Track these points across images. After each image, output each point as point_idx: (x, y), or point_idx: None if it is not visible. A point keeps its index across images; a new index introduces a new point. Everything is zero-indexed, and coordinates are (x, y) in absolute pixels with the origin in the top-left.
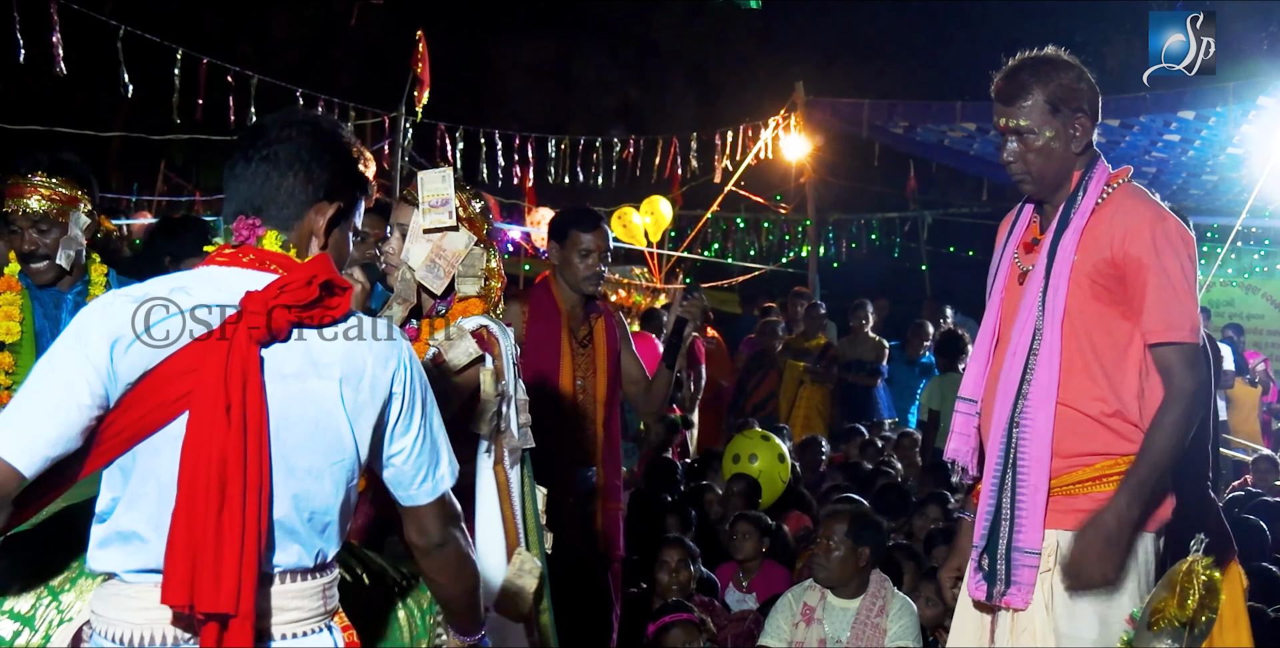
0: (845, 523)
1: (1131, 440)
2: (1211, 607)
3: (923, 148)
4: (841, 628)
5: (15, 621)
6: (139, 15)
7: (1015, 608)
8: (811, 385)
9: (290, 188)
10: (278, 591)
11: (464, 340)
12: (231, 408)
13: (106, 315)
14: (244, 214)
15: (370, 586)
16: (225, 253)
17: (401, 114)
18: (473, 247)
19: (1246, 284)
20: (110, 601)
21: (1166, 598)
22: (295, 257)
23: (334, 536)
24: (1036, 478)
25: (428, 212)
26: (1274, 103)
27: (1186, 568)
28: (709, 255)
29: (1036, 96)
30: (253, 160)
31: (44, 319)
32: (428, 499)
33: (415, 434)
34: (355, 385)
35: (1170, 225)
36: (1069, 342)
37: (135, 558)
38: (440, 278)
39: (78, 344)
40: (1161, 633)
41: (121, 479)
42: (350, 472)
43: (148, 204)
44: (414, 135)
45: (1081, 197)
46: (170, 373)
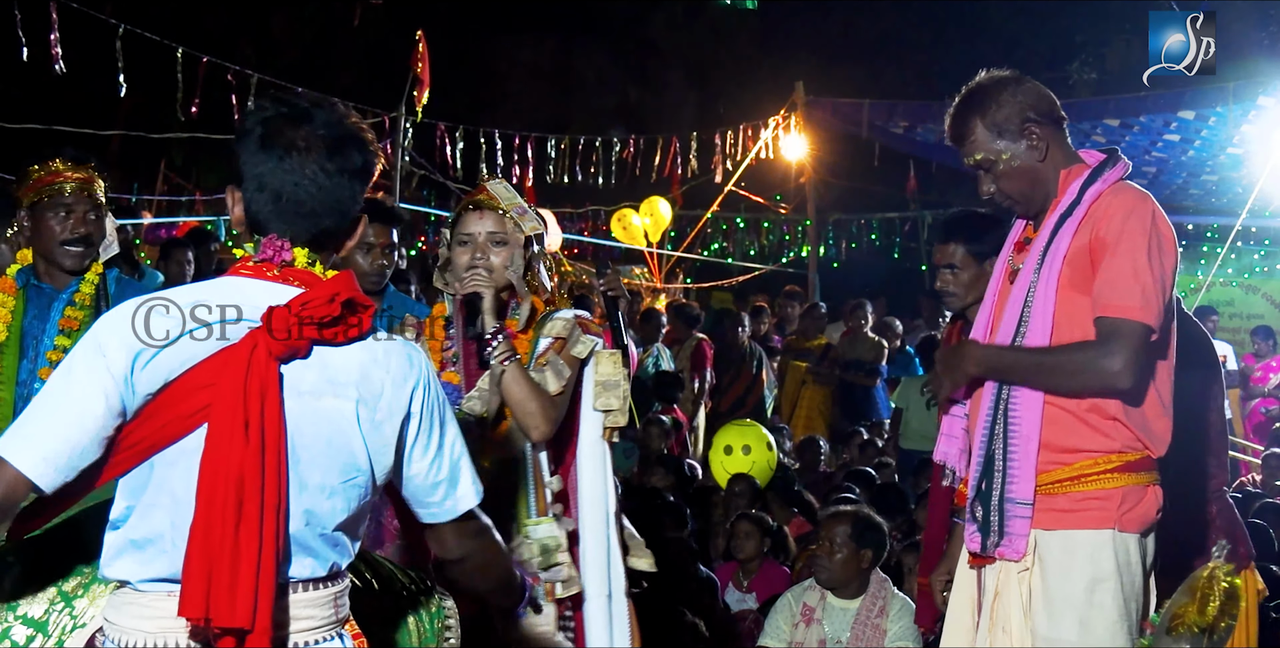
0: (848, 525)
1: (1111, 437)
2: (1231, 613)
3: (923, 148)
4: (841, 629)
5: (29, 626)
6: (139, 15)
7: (1009, 560)
8: (813, 386)
9: (346, 208)
10: (291, 601)
11: (578, 331)
12: (250, 424)
13: (129, 326)
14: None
15: (379, 591)
16: (250, 266)
17: (401, 114)
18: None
19: (1246, 284)
20: (124, 609)
21: (1187, 604)
22: (319, 272)
23: (346, 549)
24: (1028, 428)
25: (522, 219)
26: (1274, 103)
27: (1208, 574)
28: (709, 255)
29: (978, 128)
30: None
31: (33, 320)
32: (448, 518)
33: (433, 454)
34: (372, 405)
35: (1146, 211)
36: (1055, 334)
37: (149, 568)
38: (522, 278)
39: (98, 354)
40: (1181, 638)
41: (137, 489)
42: (364, 490)
43: (148, 204)
44: (414, 135)
45: (1084, 193)
46: (190, 386)
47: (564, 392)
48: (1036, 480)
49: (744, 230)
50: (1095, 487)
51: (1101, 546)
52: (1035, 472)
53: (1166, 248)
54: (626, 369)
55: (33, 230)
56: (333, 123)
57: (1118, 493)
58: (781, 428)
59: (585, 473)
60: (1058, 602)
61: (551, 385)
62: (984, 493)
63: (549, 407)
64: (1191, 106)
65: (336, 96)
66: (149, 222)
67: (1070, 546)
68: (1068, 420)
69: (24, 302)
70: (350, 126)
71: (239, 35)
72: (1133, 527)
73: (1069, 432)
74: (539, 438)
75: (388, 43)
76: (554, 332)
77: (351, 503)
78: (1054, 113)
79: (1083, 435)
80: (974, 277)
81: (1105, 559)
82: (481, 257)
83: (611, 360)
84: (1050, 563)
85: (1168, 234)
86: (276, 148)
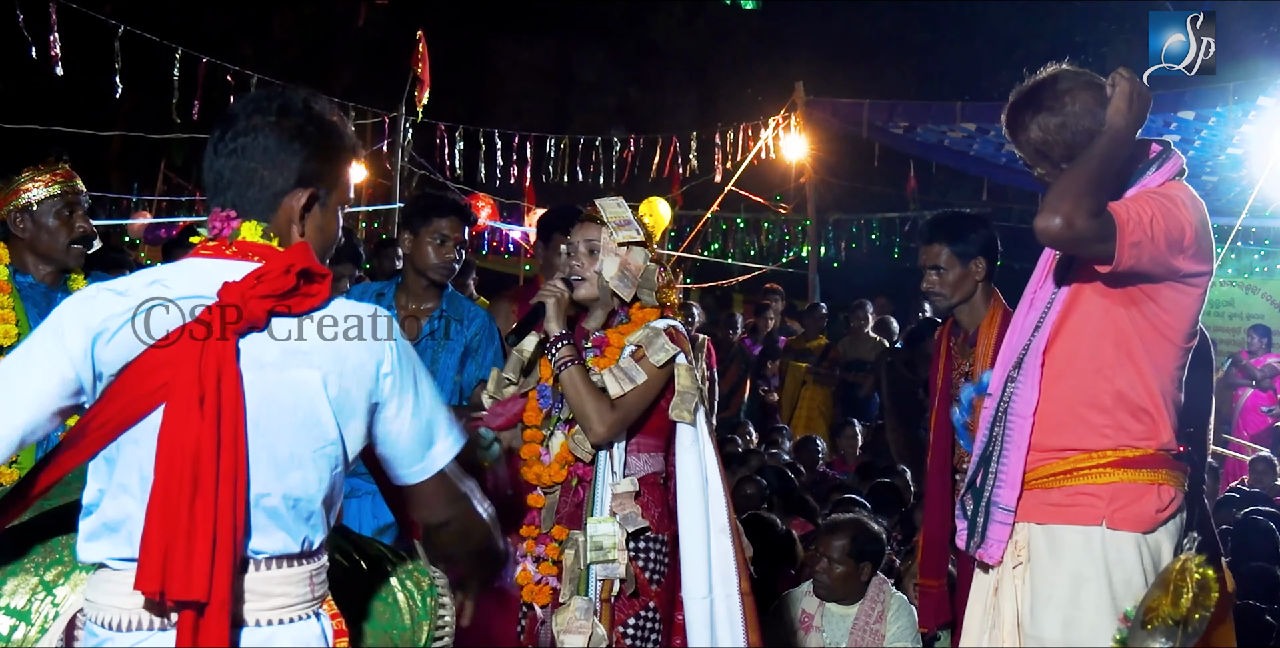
0: (846, 539)
1: (1105, 435)
2: (1205, 605)
3: (923, 148)
4: (840, 635)
5: (11, 616)
6: (139, 15)
7: (989, 563)
8: (813, 386)
9: (261, 179)
10: (261, 577)
11: (660, 339)
12: (205, 399)
13: (86, 308)
14: (220, 206)
15: (367, 570)
16: (209, 246)
17: (401, 114)
18: (648, 262)
19: (1246, 284)
20: (101, 587)
21: (1160, 597)
22: (277, 245)
23: (320, 522)
24: (1020, 436)
25: (618, 229)
26: (1274, 103)
27: (1179, 567)
28: (709, 255)
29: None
30: (222, 152)
31: (39, 319)
32: (424, 477)
33: (409, 414)
34: (338, 373)
35: (1167, 188)
36: (1061, 340)
37: (122, 547)
38: (629, 287)
39: (54, 336)
40: (1155, 631)
41: (107, 470)
42: (335, 460)
43: (147, 204)
44: (414, 135)
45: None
46: (149, 365)
47: (628, 396)
48: (1032, 475)
49: (744, 230)
50: (1086, 482)
51: (1087, 542)
52: (1022, 480)
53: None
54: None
55: (34, 231)
56: (274, 97)
57: (1109, 489)
58: (781, 428)
59: (682, 478)
60: (1042, 599)
61: (612, 389)
62: (976, 489)
63: (605, 410)
64: (1191, 106)
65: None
66: (149, 222)
67: (1056, 541)
68: (1064, 416)
69: (21, 300)
70: (294, 102)
71: (239, 35)
72: (1126, 525)
73: (1064, 427)
74: (595, 440)
75: (388, 43)
76: (637, 339)
77: (323, 473)
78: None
79: (1077, 431)
80: (959, 277)
81: (1090, 556)
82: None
83: (690, 373)
84: (1038, 559)
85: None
86: (218, 126)
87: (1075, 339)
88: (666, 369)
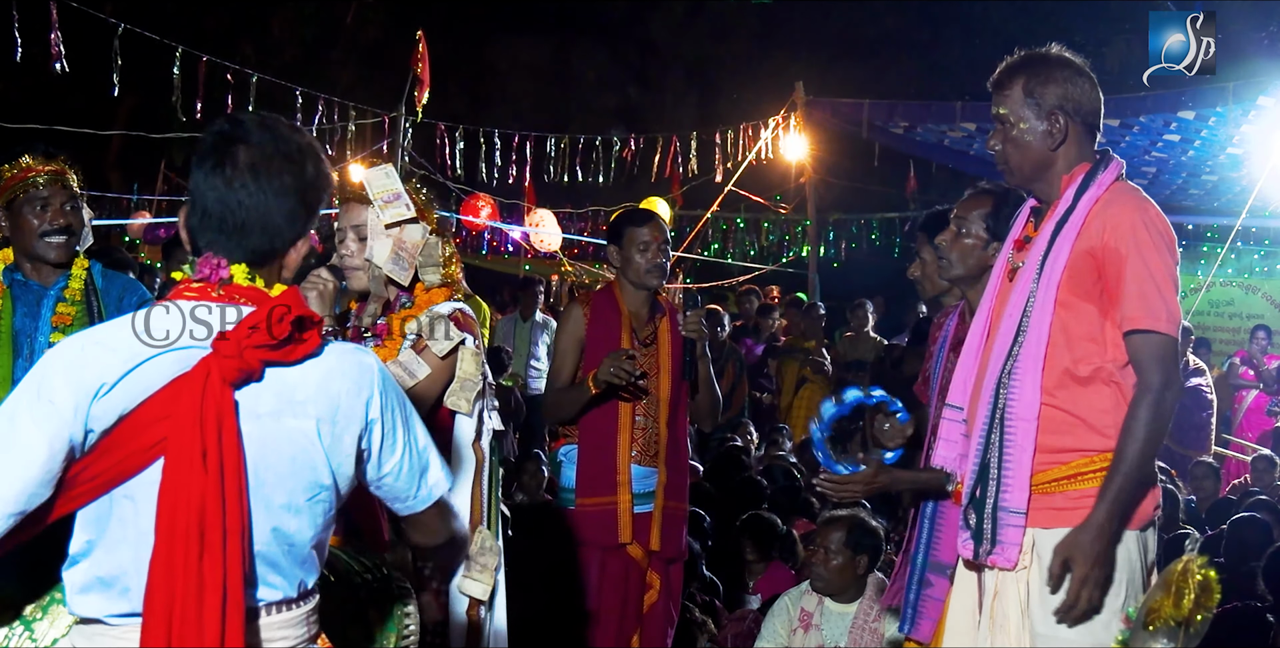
0: (843, 531)
1: (1106, 436)
2: (1207, 606)
3: (923, 148)
4: (839, 634)
5: None
6: (139, 15)
7: (1001, 568)
8: (812, 386)
9: (279, 225)
10: (265, 624)
11: (443, 326)
12: (208, 454)
13: (76, 368)
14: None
15: (336, 584)
16: (193, 288)
17: (401, 114)
18: (428, 236)
19: (1246, 284)
20: (95, 639)
21: (1162, 598)
22: (263, 287)
23: (313, 565)
24: (1024, 437)
25: (384, 208)
26: (1274, 103)
27: (1182, 568)
28: (709, 255)
29: (1017, 87)
30: (234, 182)
31: (24, 318)
32: (424, 506)
33: (401, 453)
34: (331, 419)
35: (1151, 217)
36: (1051, 346)
37: (119, 603)
38: (405, 270)
39: (41, 399)
40: (1157, 632)
41: (97, 524)
42: (328, 505)
43: (147, 204)
44: (414, 135)
45: (1080, 198)
46: (145, 419)
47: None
48: (1034, 479)
49: (744, 230)
50: (1090, 485)
51: None
52: (1030, 481)
53: (1174, 252)
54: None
55: (12, 228)
56: (267, 141)
57: None
58: (782, 428)
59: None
60: (1055, 600)
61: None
62: (978, 500)
63: None
64: (1191, 106)
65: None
66: (149, 221)
67: None
68: (1064, 420)
69: (10, 300)
70: (287, 145)
71: (239, 35)
72: (1129, 525)
73: (1065, 431)
74: None
75: (388, 43)
76: (418, 327)
77: (318, 519)
78: (1090, 116)
79: (1078, 435)
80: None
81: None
82: (346, 252)
83: (475, 360)
84: (1048, 562)
85: (1172, 238)
86: (208, 163)
87: (1069, 342)
88: (451, 359)
